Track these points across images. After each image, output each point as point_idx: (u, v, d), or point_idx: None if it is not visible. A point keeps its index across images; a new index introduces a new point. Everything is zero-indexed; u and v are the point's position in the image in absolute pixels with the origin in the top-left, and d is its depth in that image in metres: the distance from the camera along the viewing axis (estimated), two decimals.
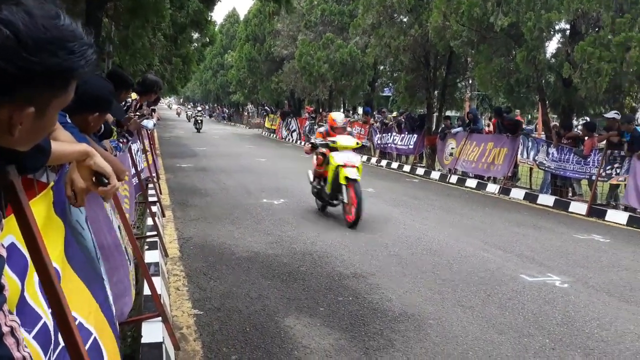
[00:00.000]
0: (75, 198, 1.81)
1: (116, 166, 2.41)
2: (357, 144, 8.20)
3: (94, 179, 1.78)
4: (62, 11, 0.99)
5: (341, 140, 8.02)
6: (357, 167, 7.72)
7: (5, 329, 1.08)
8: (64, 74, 0.99)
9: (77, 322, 1.60)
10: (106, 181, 1.71)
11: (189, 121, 34.45)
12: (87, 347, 1.67)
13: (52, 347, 1.52)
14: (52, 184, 1.87)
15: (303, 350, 3.70)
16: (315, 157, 8.53)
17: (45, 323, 1.52)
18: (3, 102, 0.95)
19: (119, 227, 3.06)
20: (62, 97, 1.04)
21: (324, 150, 8.15)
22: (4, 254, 1.18)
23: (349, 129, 9.13)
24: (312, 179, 8.68)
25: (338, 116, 8.61)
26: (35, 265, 1.25)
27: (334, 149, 7.95)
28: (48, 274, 1.23)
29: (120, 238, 2.95)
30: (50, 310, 1.59)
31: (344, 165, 7.64)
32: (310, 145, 8.57)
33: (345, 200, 7.63)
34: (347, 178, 7.56)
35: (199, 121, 32.54)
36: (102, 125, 3.25)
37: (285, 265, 5.70)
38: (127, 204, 4.39)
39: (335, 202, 8.10)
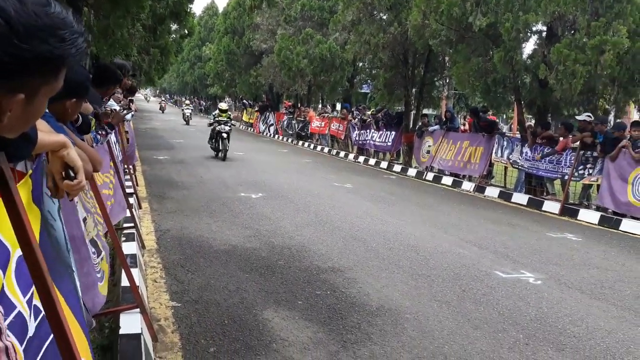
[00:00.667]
0: (56, 189, 1.79)
1: (93, 156, 2.38)
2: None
3: (63, 173, 1.76)
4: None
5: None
6: None
7: None
8: (54, 61, 0.99)
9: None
10: (73, 175, 1.69)
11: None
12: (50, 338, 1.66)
13: (27, 337, 1.50)
14: (30, 172, 1.85)
15: (281, 343, 3.72)
16: None
17: (20, 312, 1.50)
18: None
19: (84, 219, 3.02)
20: (52, 85, 1.04)
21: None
22: None
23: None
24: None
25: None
26: (25, 254, 1.24)
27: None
28: (38, 264, 1.22)
29: (85, 230, 2.91)
30: (25, 300, 1.57)
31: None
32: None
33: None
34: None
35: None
36: (80, 118, 3.20)
37: (263, 258, 5.71)
38: (111, 190, 4.35)
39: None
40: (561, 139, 11.09)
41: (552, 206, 10.42)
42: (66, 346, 1.25)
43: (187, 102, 40.48)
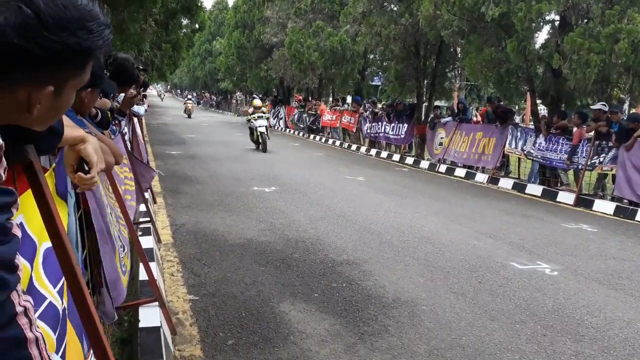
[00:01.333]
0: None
1: (114, 149, 2.40)
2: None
3: (75, 166, 1.77)
4: None
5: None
6: None
7: (19, 309, 1.09)
8: (82, 53, 0.99)
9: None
10: (87, 169, 1.71)
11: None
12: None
13: (59, 325, 1.53)
14: (53, 165, 1.87)
15: (299, 335, 3.74)
16: None
17: (51, 302, 1.53)
18: (22, 81, 0.95)
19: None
20: (80, 77, 1.05)
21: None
22: (19, 233, 1.19)
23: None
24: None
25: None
26: (55, 246, 1.25)
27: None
28: (68, 256, 1.24)
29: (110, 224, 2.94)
30: (56, 290, 1.60)
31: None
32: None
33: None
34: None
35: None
36: (100, 114, 3.22)
37: (278, 252, 5.73)
38: (130, 185, 4.39)
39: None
40: (575, 129, 10.99)
41: (566, 197, 10.34)
42: (96, 336, 1.27)
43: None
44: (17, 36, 0.89)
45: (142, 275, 3.81)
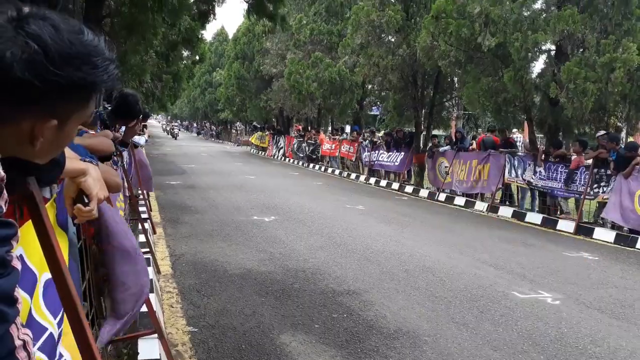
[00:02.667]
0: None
1: (113, 179, 2.40)
2: None
3: (75, 197, 1.78)
4: (84, 27, 1.02)
5: None
6: None
7: (18, 342, 1.08)
8: (87, 87, 1.01)
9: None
10: (87, 202, 1.72)
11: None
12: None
13: (57, 357, 1.52)
14: (54, 196, 1.87)
15: None
16: None
17: (51, 333, 1.52)
18: (26, 114, 0.96)
19: None
20: (83, 111, 1.06)
21: None
22: (19, 266, 1.19)
23: None
24: None
25: None
26: (55, 279, 1.25)
27: None
28: (67, 288, 1.23)
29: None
30: (56, 321, 1.59)
31: None
32: None
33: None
34: None
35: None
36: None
37: (278, 282, 5.69)
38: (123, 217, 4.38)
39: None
40: (574, 156, 11.04)
41: (566, 225, 10.33)
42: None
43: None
44: (23, 71, 0.90)
45: (142, 307, 3.77)
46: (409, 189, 15.87)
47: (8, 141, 0.99)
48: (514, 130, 21.75)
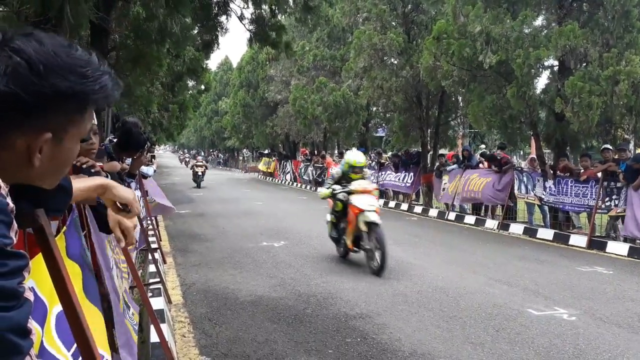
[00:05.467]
0: (125, 238, 1.80)
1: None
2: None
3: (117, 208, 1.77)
4: (75, 44, 1.02)
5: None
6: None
7: None
8: (76, 97, 1.00)
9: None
10: (129, 209, 1.71)
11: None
12: None
13: None
14: (64, 229, 1.87)
15: None
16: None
17: None
18: (19, 131, 0.96)
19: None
20: (79, 124, 1.04)
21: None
22: (31, 297, 1.19)
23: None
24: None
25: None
26: (65, 311, 1.25)
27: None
28: (79, 321, 1.23)
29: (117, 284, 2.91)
30: (70, 353, 1.58)
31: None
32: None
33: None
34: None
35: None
36: (109, 177, 3.27)
37: (290, 308, 5.65)
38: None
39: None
40: (582, 170, 10.98)
41: (578, 240, 10.23)
42: None
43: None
44: (7, 84, 0.90)
45: (154, 338, 3.75)
46: (418, 209, 15.81)
47: (7, 162, 0.98)
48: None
